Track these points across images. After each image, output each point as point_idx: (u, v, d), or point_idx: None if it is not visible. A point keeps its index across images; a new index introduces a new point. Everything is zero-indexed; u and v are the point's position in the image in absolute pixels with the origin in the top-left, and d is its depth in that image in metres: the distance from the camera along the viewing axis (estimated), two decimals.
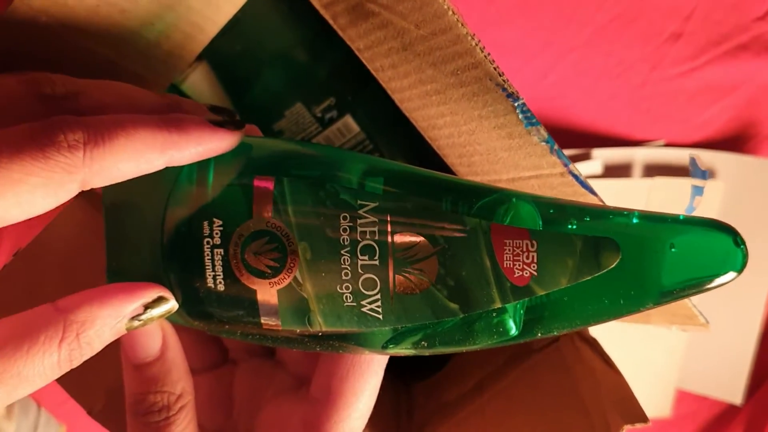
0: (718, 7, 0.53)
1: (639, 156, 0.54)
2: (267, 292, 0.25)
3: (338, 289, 0.24)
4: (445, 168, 0.31)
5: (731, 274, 0.21)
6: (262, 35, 0.36)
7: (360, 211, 0.23)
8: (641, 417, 0.29)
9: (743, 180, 0.54)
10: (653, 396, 0.58)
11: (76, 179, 0.21)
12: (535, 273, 0.22)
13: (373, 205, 0.23)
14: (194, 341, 0.31)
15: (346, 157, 0.24)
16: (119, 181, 0.23)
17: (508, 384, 0.38)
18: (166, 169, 0.24)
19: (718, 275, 0.21)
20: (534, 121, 0.25)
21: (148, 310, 0.24)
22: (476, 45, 0.24)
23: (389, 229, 0.23)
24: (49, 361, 0.22)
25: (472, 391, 0.40)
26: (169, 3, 0.26)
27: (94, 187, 0.23)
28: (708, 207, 0.54)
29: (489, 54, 0.24)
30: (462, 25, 0.23)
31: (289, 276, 0.24)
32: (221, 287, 0.25)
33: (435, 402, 0.43)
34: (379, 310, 0.24)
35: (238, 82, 0.38)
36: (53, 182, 0.21)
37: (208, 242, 0.25)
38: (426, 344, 0.25)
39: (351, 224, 0.23)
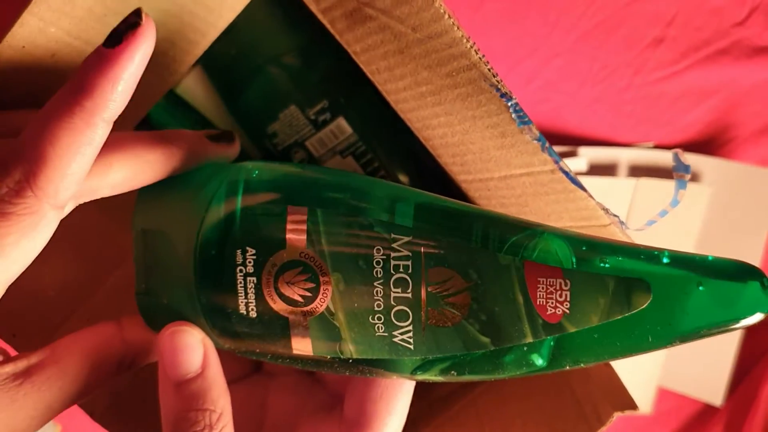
0: (699, 13, 0.54)
1: (624, 156, 0.55)
2: (299, 320, 0.25)
3: (370, 319, 0.24)
4: (438, 167, 0.31)
5: (759, 316, 0.21)
6: (256, 39, 0.37)
7: (394, 245, 0.23)
8: (630, 405, 0.30)
9: (729, 185, 0.55)
10: (635, 393, 0.59)
11: (44, 213, 0.21)
12: (568, 311, 0.22)
13: (406, 239, 0.23)
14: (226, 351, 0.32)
15: (377, 187, 0.25)
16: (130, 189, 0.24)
17: None
18: (199, 196, 0.24)
19: (745, 317, 0.21)
20: (526, 120, 0.26)
21: None
22: (471, 47, 0.25)
23: (423, 263, 0.23)
24: (111, 377, 0.25)
25: (464, 385, 0.41)
26: (173, 11, 0.27)
27: (79, 202, 0.24)
28: (694, 211, 0.55)
29: (483, 56, 0.25)
30: (458, 28, 0.24)
31: (321, 305, 0.25)
32: (253, 314, 0.25)
33: (427, 397, 0.44)
34: (411, 341, 0.24)
35: (232, 85, 0.38)
36: (27, 229, 0.21)
37: (240, 270, 0.25)
38: (455, 373, 0.25)
39: (384, 257, 0.23)
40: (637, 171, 0.55)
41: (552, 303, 0.22)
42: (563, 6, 0.53)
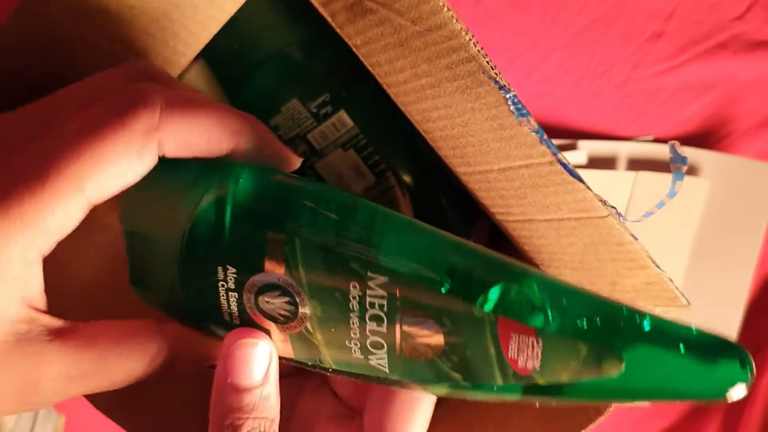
0: (698, 7, 0.54)
1: (624, 149, 0.55)
2: (279, 333, 0.26)
3: (347, 343, 0.25)
4: (438, 160, 0.32)
5: (741, 387, 0.20)
6: (258, 33, 0.37)
7: (369, 283, 0.23)
8: None
9: (727, 179, 0.55)
10: None
11: (154, 141, 0.24)
12: (538, 367, 0.22)
13: (383, 279, 0.23)
14: None
15: (358, 218, 0.24)
16: (188, 155, 0.25)
17: None
18: (184, 201, 0.25)
19: (725, 394, 0.20)
20: (525, 112, 0.26)
21: None
22: (470, 40, 0.25)
23: (397, 304, 0.23)
24: (135, 370, 0.25)
25: None
26: (176, 3, 0.28)
27: (168, 155, 0.25)
28: (693, 205, 0.55)
29: (482, 48, 0.25)
30: (457, 20, 0.25)
31: (300, 326, 0.25)
32: (237, 322, 0.26)
33: None
34: (386, 365, 0.25)
35: (234, 78, 0.39)
36: (136, 148, 0.23)
37: (222, 285, 0.25)
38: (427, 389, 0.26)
39: (360, 294, 0.23)
40: (636, 164, 0.55)
41: (523, 358, 0.22)
42: (563, 0, 0.53)
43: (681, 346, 0.20)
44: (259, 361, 0.25)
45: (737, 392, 0.20)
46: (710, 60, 0.56)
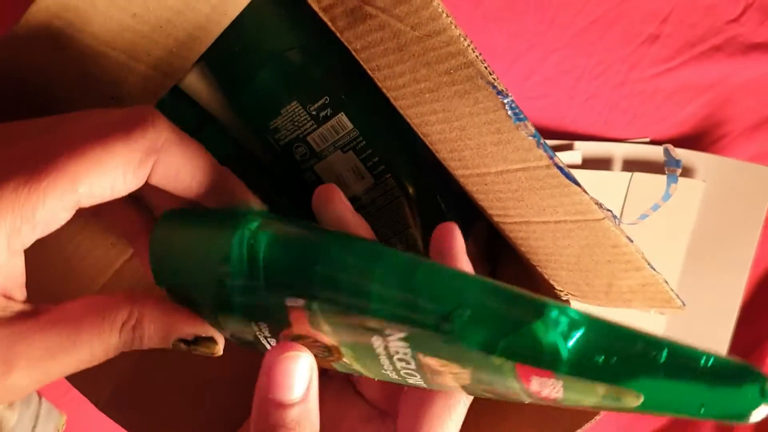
0: (694, 10, 0.55)
1: (620, 151, 0.56)
2: (321, 363, 0.27)
3: (382, 371, 0.26)
4: (437, 162, 0.32)
5: (764, 410, 0.20)
6: (259, 36, 0.37)
7: (389, 338, 0.23)
8: None
9: (722, 180, 0.56)
10: None
11: (152, 161, 0.25)
12: (561, 397, 0.22)
13: (401, 335, 0.23)
14: None
15: (375, 274, 0.24)
16: (167, 188, 0.26)
17: None
18: (211, 254, 0.26)
19: (747, 416, 0.20)
20: (522, 116, 0.27)
21: (196, 344, 0.27)
22: (468, 45, 0.25)
23: (419, 355, 0.24)
24: (114, 338, 0.25)
25: None
26: (179, 7, 0.28)
27: (152, 182, 0.26)
28: (688, 206, 0.56)
29: (480, 54, 0.25)
30: (455, 27, 0.25)
31: (337, 360, 0.26)
32: None
33: None
34: (423, 383, 0.26)
35: (235, 81, 0.39)
36: (134, 162, 0.24)
37: (259, 332, 0.27)
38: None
39: (384, 344, 0.24)
40: (632, 165, 0.55)
41: (546, 391, 0.22)
42: (561, 3, 0.54)
43: (698, 376, 0.20)
44: (300, 376, 0.25)
45: (759, 414, 0.20)
46: (706, 62, 0.56)
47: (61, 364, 0.24)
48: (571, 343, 0.21)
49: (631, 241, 0.30)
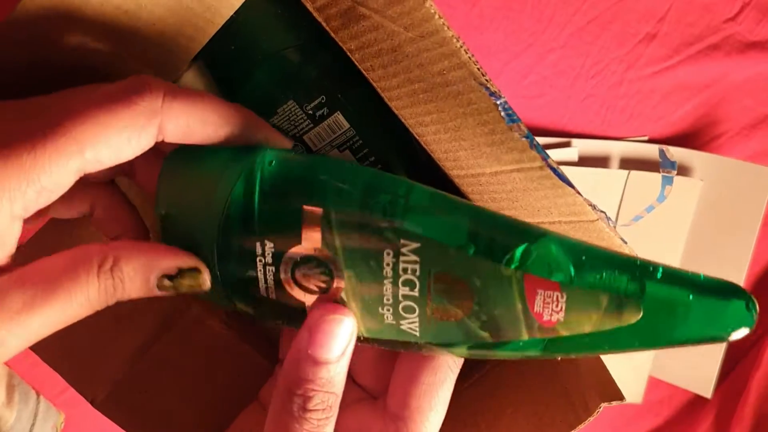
0: (691, 9, 0.55)
1: (616, 149, 0.56)
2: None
3: (380, 309, 0.26)
4: (432, 162, 0.32)
5: (744, 330, 0.22)
6: (255, 35, 0.37)
7: (403, 249, 0.24)
8: (617, 396, 0.31)
9: (719, 180, 0.56)
10: (626, 383, 0.60)
11: (155, 123, 0.25)
12: (562, 319, 0.23)
13: (415, 245, 0.24)
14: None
15: (390, 187, 0.25)
16: (188, 141, 0.26)
17: (495, 365, 0.40)
18: (220, 183, 0.26)
19: (730, 333, 0.22)
20: (515, 118, 0.27)
21: (181, 278, 0.26)
22: (461, 47, 0.25)
23: (429, 268, 0.24)
24: (92, 286, 0.25)
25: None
26: (172, 6, 0.28)
27: (168, 140, 0.26)
28: (685, 205, 0.56)
29: (473, 55, 0.25)
30: (447, 28, 0.25)
31: (335, 296, 0.26)
32: (273, 296, 0.27)
33: None
34: (417, 329, 0.26)
35: (231, 80, 0.39)
36: (138, 125, 0.25)
37: (260, 260, 0.26)
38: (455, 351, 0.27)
39: (394, 260, 0.25)
40: (629, 164, 0.56)
41: (548, 311, 0.24)
42: (557, 2, 0.54)
43: (692, 287, 0.22)
44: (341, 338, 0.26)
45: (741, 332, 0.22)
46: (703, 61, 0.56)
47: (42, 316, 0.24)
48: (577, 259, 0.23)
49: (625, 242, 0.30)
